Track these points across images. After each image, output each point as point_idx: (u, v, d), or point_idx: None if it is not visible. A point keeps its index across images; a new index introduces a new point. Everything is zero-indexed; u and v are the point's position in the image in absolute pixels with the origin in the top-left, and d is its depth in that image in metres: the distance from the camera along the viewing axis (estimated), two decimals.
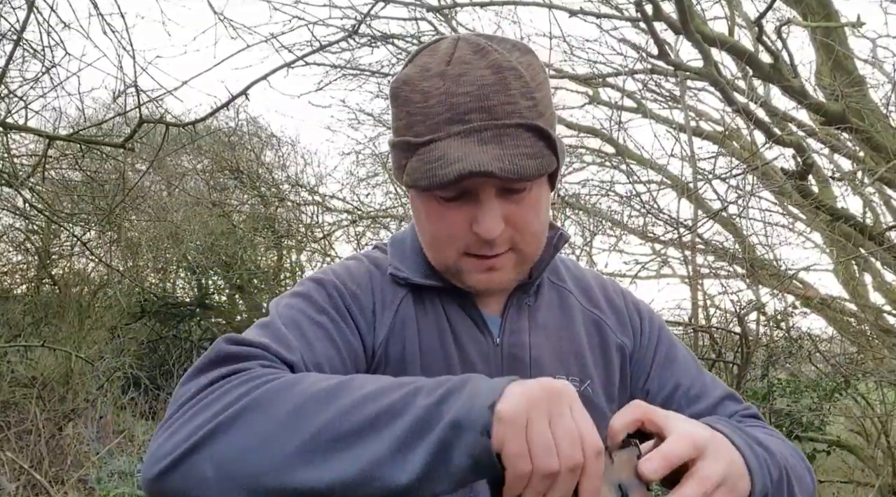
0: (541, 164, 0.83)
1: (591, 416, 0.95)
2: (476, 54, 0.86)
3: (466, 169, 0.80)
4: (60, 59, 3.57)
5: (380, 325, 0.93)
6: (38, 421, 4.62)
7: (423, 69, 0.88)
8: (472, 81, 0.84)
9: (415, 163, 0.85)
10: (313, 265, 8.96)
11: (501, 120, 0.83)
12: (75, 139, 3.78)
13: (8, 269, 7.21)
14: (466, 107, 0.83)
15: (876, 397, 3.97)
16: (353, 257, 1.03)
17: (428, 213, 0.90)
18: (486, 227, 0.86)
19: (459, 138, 0.83)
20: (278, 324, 0.87)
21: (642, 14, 3.56)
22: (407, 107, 0.87)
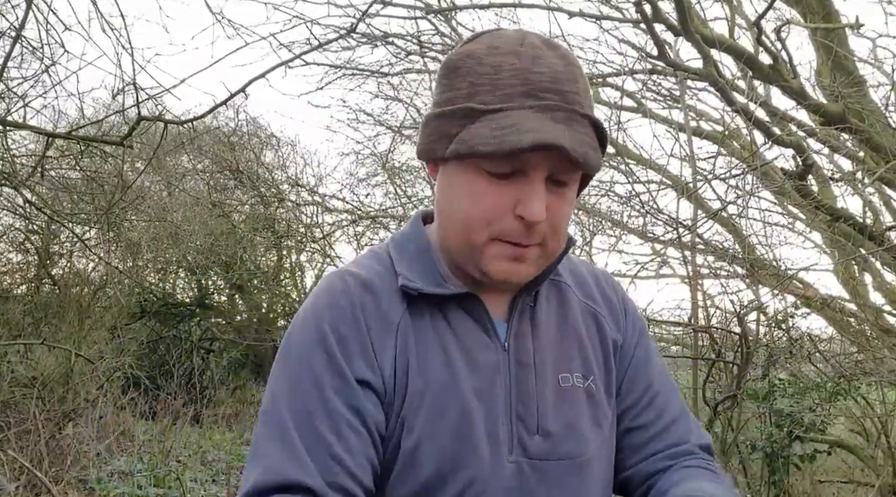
0: (598, 159, 0.85)
1: (595, 412, 0.97)
2: (546, 45, 0.88)
3: (543, 139, 0.80)
4: (59, 57, 3.57)
5: (383, 359, 0.89)
6: (37, 421, 4.61)
7: (490, 47, 0.87)
8: (547, 65, 0.85)
9: (478, 128, 0.83)
10: (313, 265, 8.97)
11: (574, 106, 0.84)
12: (74, 137, 3.78)
13: (8, 269, 7.21)
14: (542, 85, 0.83)
15: (876, 397, 3.97)
16: (337, 279, 0.94)
17: (471, 189, 0.87)
18: (535, 209, 0.84)
19: (533, 112, 0.82)
20: (289, 429, 0.84)
21: (642, 15, 3.56)
22: (471, 77, 0.86)
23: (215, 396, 7.34)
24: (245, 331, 8.54)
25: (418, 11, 4.87)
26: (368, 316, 0.90)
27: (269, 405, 0.88)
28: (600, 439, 0.97)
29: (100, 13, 3.51)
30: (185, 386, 6.98)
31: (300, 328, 0.91)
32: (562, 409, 0.94)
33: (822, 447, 3.89)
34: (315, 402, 0.85)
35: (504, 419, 0.91)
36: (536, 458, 0.91)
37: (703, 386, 3.94)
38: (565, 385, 0.95)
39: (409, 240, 0.99)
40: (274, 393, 0.88)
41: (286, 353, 0.91)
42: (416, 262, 0.95)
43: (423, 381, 0.89)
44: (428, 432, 0.88)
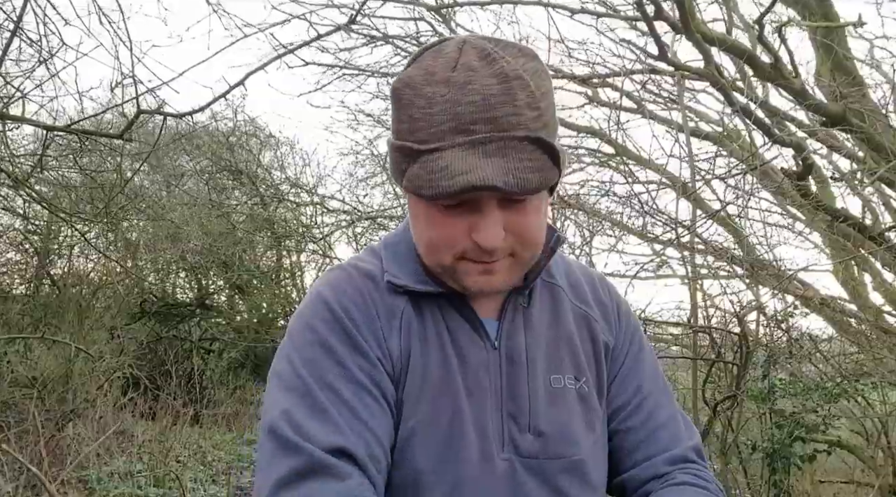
0: (543, 178, 0.83)
1: (586, 413, 0.97)
2: (482, 60, 0.85)
3: (470, 182, 0.79)
4: (57, 50, 3.56)
5: (391, 342, 0.91)
6: (37, 421, 4.61)
7: (427, 73, 0.86)
8: (477, 90, 0.82)
9: (417, 170, 0.84)
10: (313, 266, 8.97)
11: (507, 131, 0.82)
12: (73, 130, 3.77)
13: (7, 269, 7.20)
14: (471, 117, 0.82)
15: (876, 397, 3.97)
16: (341, 271, 0.97)
17: (427, 219, 0.89)
18: (487, 236, 0.85)
19: (463, 149, 0.81)
20: (321, 398, 0.84)
21: (643, 14, 3.56)
22: (409, 111, 0.85)
23: (215, 396, 7.33)
24: (245, 331, 8.54)
25: (417, 10, 4.88)
26: (376, 302, 0.93)
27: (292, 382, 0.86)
28: (592, 440, 0.97)
29: (98, 6, 3.51)
30: (184, 386, 6.97)
31: (310, 311, 0.92)
32: (553, 409, 0.95)
33: (822, 447, 3.89)
34: (340, 377, 0.86)
35: (495, 417, 0.92)
36: (528, 457, 0.92)
37: (703, 386, 3.94)
38: (556, 386, 0.96)
39: (400, 240, 1.01)
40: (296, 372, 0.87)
41: (298, 333, 0.91)
42: (405, 261, 0.97)
43: (422, 370, 0.91)
44: (421, 422, 0.89)
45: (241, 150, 8.69)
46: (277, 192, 8.50)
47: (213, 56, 3.38)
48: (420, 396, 0.90)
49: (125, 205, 5.80)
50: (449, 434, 0.89)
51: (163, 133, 3.86)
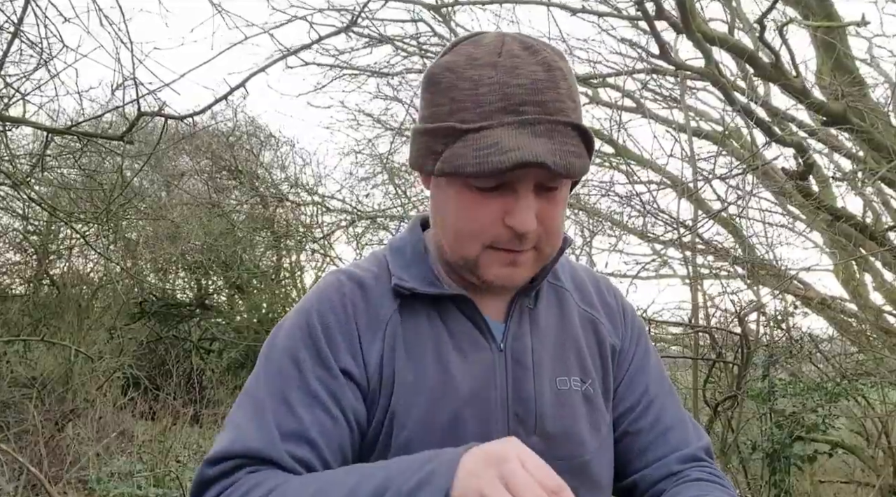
0: (584, 165, 0.85)
1: (592, 415, 0.97)
2: (525, 50, 0.86)
3: (523, 158, 0.80)
4: (58, 52, 3.55)
5: (370, 353, 0.91)
6: (37, 421, 4.61)
7: (469, 58, 0.87)
8: (525, 75, 0.84)
9: (460, 149, 0.84)
10: (313, 265, 8.96)
11: (553, 115, 0.83)
12: (74, 132, 3.76)
13: (6, 270, 7.20)
14: (521, 98, 0.83)
15: (876, 397, 3.97)
16: (332, 278, 0.98)
17: (460, 203, 0.88)
18: (523, 220, 0.85)
19: (513, 128, 0.82)
20: (265, 406, 0.87)
21: (644, 13, 3.56)
22: (451, 93, 0.86)
23: (215, 396, 7.32)
24: (245, 331, 8.53)
25: (417, 11, 4.87)
26: (358, 310, 0.93)
27: (251, 384, 0.91)
28: (598, 442, 0.97)
29: (98, 7, 3.50)
30: (184, 386, 6.97)
31: (290, 318, 0.95)
32: (560, 411, 0.95)
33: (822, 447, 3.89)
34: (294, 384, 0.88)
35: (500, 419, 0.92)
36: None
37: (704, 386, 3.94)
38: (562, 388, 0.96)
39: (406, 243, 1.00)
40: (257, 375, 0.91)
41: (273, 341, 0.94)
42: (412, 265, 0.97)
43: (412, 376, 0.90)
44: (419, 428, 0.89)
45: (241, 149, 8.69)
46: (277, 191, 8.50)
47: (214, 58, 3.37)
48: (412, 404, 0.90)
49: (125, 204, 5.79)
50: (450, 437, 0.89)
51: (164, 135, 3.84)
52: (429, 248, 0.99)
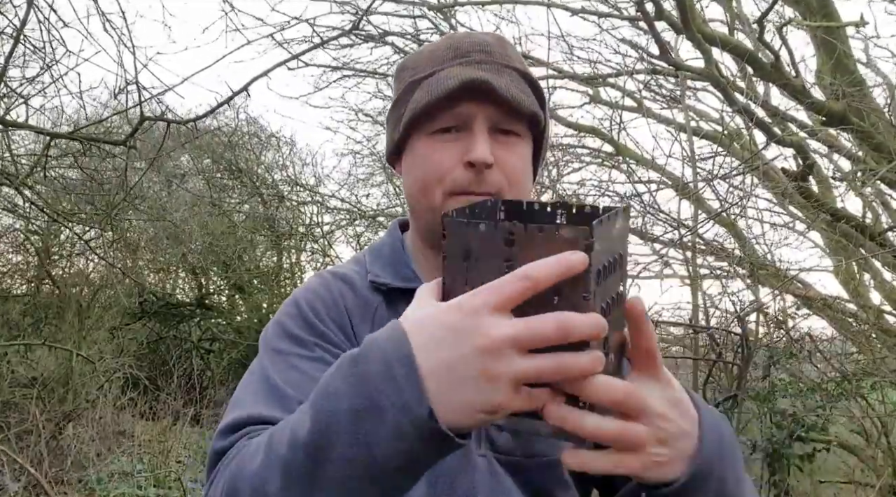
0: (532, 104, 0.92)
1: None
2: (479, 32, 0.99)
3: (468, 77, 0.87)
4: (61, 56, 3.57)
5: (361, 333, 0.93)
6: (38, 421, 4.61)
7: (429, 44, 1.00)
8: (475, 38, 0.95)
9: (416, 95, 0.92)
10: (313, 265, 8.96)
11: (500, 61, 0.93)
12: (76, 137, 3.77)
13: (8, 270, 7.20)
14: (470, 47, 0.93)
15: (876, 397, 3.97)
16: (316, 275, 1.02)
17: (423, 154, 0.93)
18: (479, 150, 0.89)
19: (460, 66, 0.91)
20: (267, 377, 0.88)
21: (643, 13, 3.56)
22: (413, 64, 0.97)
23: (215, 397, 7.33)
24: (245, 331, 8.53)
25: (418, 9, 4.88)
26: (347, 300, 0.96)
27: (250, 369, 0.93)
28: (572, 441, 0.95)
29: (101, 12, 3.51)
30: (184, 386, 6.97)
31: (281, 310, 0.98)
32: None
33: (822, 447, 3.89)
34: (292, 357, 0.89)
35: None
36: (505, 454, 0.92)
37: (704, 386, 3.94)
38: None
39: (384, 244, 1.05)
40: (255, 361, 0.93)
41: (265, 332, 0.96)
42: (389, 263, 1.00)
43: None
44: None
45: (241, 149, 8.69)
46: (278, 191, 8.50)
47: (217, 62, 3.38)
48: None
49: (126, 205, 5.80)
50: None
51: (166, 139, 3.85)
52: (407, 247, 1.03)
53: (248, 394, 0.87)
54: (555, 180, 5.60)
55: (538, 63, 4.80)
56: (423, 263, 1.00)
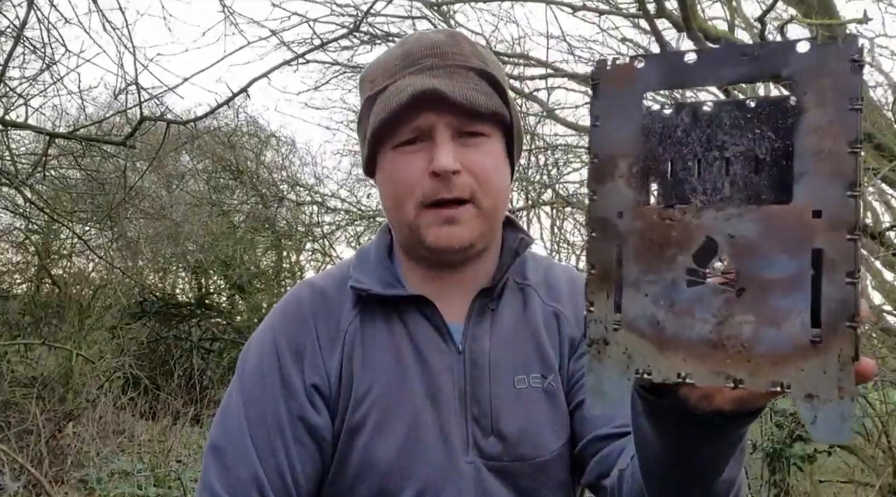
0: (490, 102, 0.89)
1: (555, 411, 0.96)
2: (437, 33, 0.95)
3: (418, 88, 0.85)
4: (61, 56, 3.57)
5: (330, 364, 0.93)
6: (38, 421, 4.61)
7: (386, 51, 0.97)
8: (428, 39, 0.92)
9: (374, 110, 0.91)
10: (313, 265, 8.96)
11: (452, 62, 0.90)
12: (76, 137, 3.78)
13: (7, 269, 7.20)
14: (421, 54, 0.91)
15: (876, 397, 3.97)
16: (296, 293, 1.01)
17: (392, 168, 0.92)
18: (441, 160, 0.87)
19: (412, 75, 0.89)
20: (240, 440, 0.90)
21: (644, 11, 3.56)
22: (370, 76, 0.95)
23: (215, 396, 7.32)
24: (245, 331, 8.53)
25: (416, 8, 4.88)
26: (319, 322, 0.95)
27: (224, 407, 0.95)
28: (561, 441, 0.95)
29: (101, 12, 3.51)
30: (185, 386, 6.97)
31: (257, 335, 0.99)
32: (518, 411, 0.94)
33: (822, 447, 3.89)
34: (265, 416, 0.91)
35: (459, 421, 0.92)
36: (492, 460, 0.92)
37: None
38: (521, 386, 0.95)
39: (370, 248, 1.03)
40: (229, 400, 0.95)
41: (243, 358, 0.98)
42: (374, 268, 0.99)
43: (369, 382, 0.92)
44: (379, 432, 0.90)
45: (241, 149, 8.68)
46: (278, 191, 8.49)
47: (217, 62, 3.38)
48: (372, 408, 0.91)
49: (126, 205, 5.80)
50: (409, 441, 0.90)
51: (166, 140, 3.85)
52: (394, 250, 1.01)
53: (219, 464, 0.89)
54: (555, 180, 5.60)
55: (538, 63, 4.80)
56: (407, 271, 0.99)
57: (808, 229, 0.42)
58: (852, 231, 0.41)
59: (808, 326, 0.42)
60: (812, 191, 0.42)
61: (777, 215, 0.43)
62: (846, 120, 0.41)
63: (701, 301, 0.44)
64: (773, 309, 0.42)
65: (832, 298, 0.41)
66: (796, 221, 0.42)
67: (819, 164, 0.41)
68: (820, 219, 0.41)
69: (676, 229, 0.45)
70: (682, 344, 0.44)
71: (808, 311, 0.42)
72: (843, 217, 0.41)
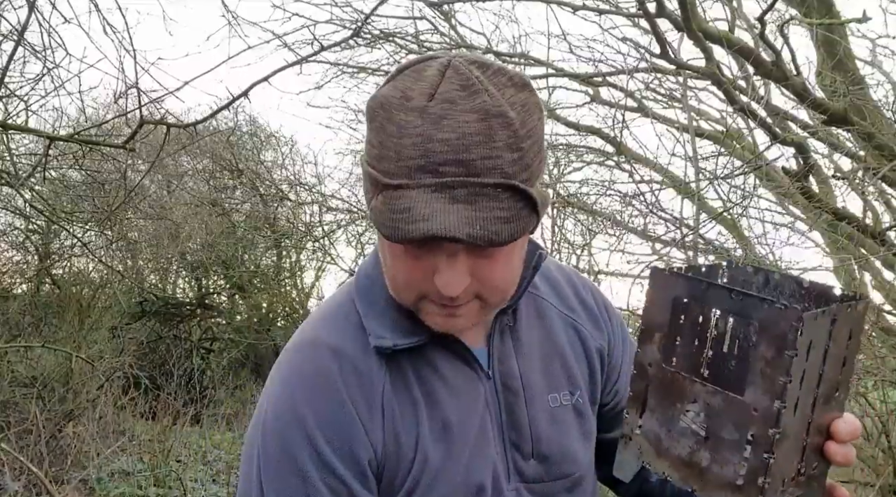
0: (515, 229, 0.76)
1: (583, 427, 0.98)
2: (464, 91, 0.77)
3: (431, 231, 0.73)
4: (61, 60, 3.57)
5: (374, 435, 0.87)
6: (38, 421, 4.61)
7: (403, 96, 0.78)
8: (453, 127, 0.75)
9: (379, 205, 0.78)
10: (313, 265, 8.96)
11: (479, 177, 0.75)
12: (77, 140, 3.78)
13: (7, 269, 7.20)
14: (442, 157, 0.75)
15: (876, 396, 3.96)
16: (306, 358, 0.91)
17: (392, 254, 0.84)
18: (446, 283, 0.80)
19: (430, 191, 0.75)
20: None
21: (644, 11, 3.56)
22: (379, 136, 0.80)
23: (215, 396, 7.32)
24: (245, 331, 8.53)
25: (417, 9, 4.88)
26: (351, 391, 0.87)
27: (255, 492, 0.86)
28: (590, 454, 0.98)
29: (102, 16, 3.51)
30: (185, 386, 6.96)
31: (278, 407, 0.88)
32: (554, 430, 0.94)
33: None
34: None
35: (499, 449, 0.92)
36: (534, 482, 0.93)
37: None
38: (554, 405, 0.96)
39: (372, 284, 0.95)
40: (259, 482, 0.86)
41: (265, 432, 0.87)
42: (385, 313, 0.91)
43: (414, 441, 0.89)
44: (430, 489, 0.88)
45: (241, 148, 8.68)
46: (278, 190, 8.49)
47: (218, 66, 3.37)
48: (424, 465, 0.88)
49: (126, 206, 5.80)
50: (464, 487, 0.89)
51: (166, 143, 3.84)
52: None
53: None
54: (556, 180, 5.60)
55: (538, 62, 4.80)
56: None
57: (749, 419, 0.66)
58: (774, 426, 0.65)
59: (739, 474, 0.66)
60: (754, 397, 0.65)
61: (735, 401, 0.67)
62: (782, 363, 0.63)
63: (684, 435, 0.70)
64: (721, 455, 0.68)
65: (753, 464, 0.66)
66: (743, 412, 0.66)
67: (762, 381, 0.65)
68: (757, 414, 0.65)
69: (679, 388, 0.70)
70: (669, 456, 0.71)
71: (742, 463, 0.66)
72: (769, 418, 0.64)
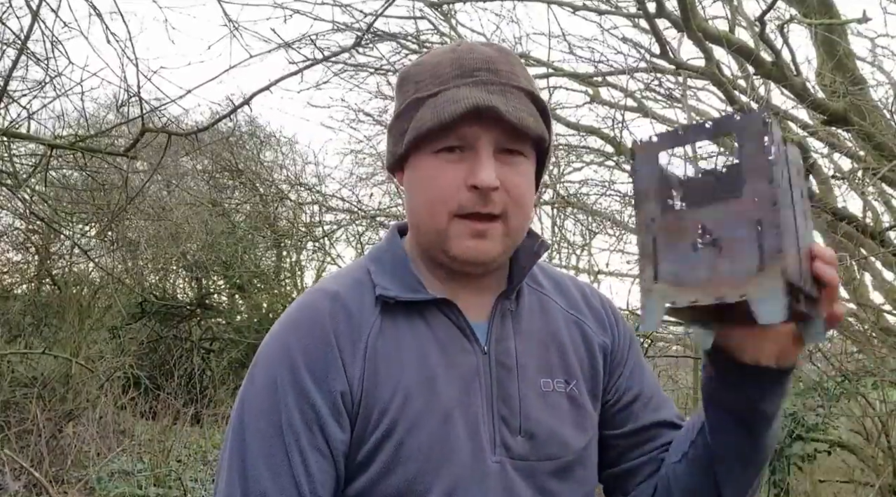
0: (538, 126, 0.92)
1: (578, 415, 0.99)
2: (485, 45, 0.97)
3: (477, 102, 0.87)
4: (64, 68, 3.58)
5: (352, 370, 0.91)
6: (38, 421, 4.61)
7: (432, 54, 0.98)
8: (481, 53, 0.94)
9: (422, 113, 0.91)
10: (313, 265, 8.97)
11: (507, 81, 0.92)
12: (78, 148, 3.79)
13: (8, 269, 7.20)
14: (475, 65, 0.92)
15: (876, 397, 3.96)
16: (309, 300, 0.97)
17: (427, 174, 0.93)
18: (483, 175, 0.89)
19: (467, 87, 0.90)
20: (248, 471, 0.88)
21: (644, 11, 3.56)
22: (415, 78, 0.95)
23: (215, 396, 7.33)
24: (245, 330, 8.54)
25: (418, 8, 4.88)
26: (338, 327, 0.93)
27: (236, 424, 0.91)
28: (583, 443, 0.99)
29: (104, 24, 3.51)
30: (185, 386, 6.97)
31: (266, 350, 0.95)
32: (544, 412, 0.96)
33: (822, 447, 3.88)
34: (279, 423, 0.89)
35: (486, 420, 0.93)
36: (519, 459, 0.94)
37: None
38: (546, 389, 0.98)
39: (385, 251, 1.02)
40: (242, 412, 0.92)
41: (253, 371, 0.94)
42: (394, 272, 0.98)
43: (395, 383, 0.91)
44: (408, 433, 0.90)
45: (241, 149, 8.69)
46: (278, 190, 8.50)
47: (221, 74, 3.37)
48: (400, 409, 0.90)
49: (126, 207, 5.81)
50: (438, 438, 0.90)
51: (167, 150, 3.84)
52: (408, 253, 1.01)
53: (233, 475, 0.88)
54: (556, 180, 5.60)
55: (538, 62, 4.80)
56: (425, 274, 0.99)
57: (753, 209, 0.70)
58: (773, 205, 0.69)
59: (756, 260, 0.69)
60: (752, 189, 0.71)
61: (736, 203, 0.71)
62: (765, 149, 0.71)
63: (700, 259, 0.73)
64: (739, 254, 0.70)
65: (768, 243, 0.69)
66: (746, 206, 0.71)
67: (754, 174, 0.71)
68: (757, 201, 0.70)
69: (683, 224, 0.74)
70: (691, 284, 0.73)
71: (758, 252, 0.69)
72: (769, 198, 0.69)
